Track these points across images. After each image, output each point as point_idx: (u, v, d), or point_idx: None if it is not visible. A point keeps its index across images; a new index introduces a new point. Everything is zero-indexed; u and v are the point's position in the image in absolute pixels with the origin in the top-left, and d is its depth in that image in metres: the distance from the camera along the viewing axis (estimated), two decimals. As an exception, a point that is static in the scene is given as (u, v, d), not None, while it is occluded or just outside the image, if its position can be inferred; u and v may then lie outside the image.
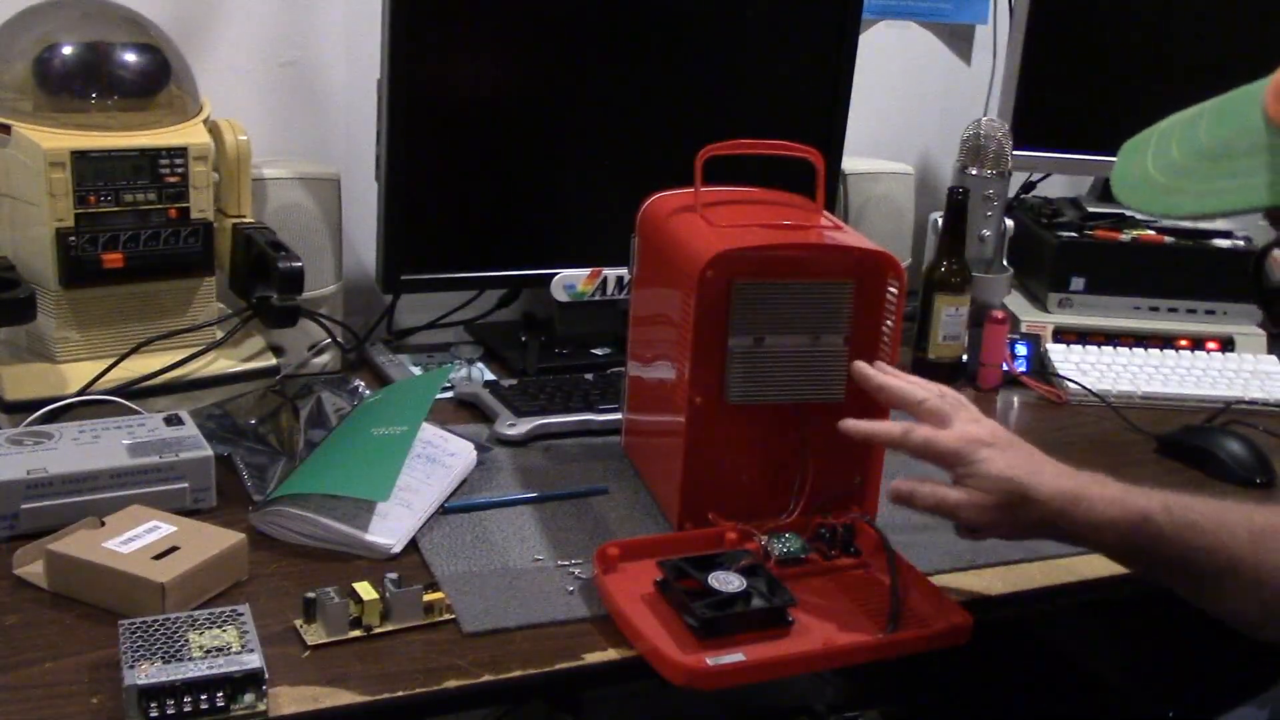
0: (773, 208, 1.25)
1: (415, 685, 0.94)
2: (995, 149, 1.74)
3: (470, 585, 1.07)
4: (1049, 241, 1.80)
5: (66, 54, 1.34)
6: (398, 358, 1.58)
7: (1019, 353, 1.68)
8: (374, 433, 1.22)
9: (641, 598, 1.05)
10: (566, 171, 1.58)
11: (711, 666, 0.96)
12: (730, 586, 1.02)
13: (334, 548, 1.11)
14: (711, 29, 1.59)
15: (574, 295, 1.59)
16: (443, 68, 1.47)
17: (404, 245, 1.51)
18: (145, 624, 0.93)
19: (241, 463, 1.23)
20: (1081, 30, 1.85)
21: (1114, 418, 1.57)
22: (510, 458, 1.33)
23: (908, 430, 1.04)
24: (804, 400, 1.18)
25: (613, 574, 1.08)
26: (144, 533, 1.05)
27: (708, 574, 1.04)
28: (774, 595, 1.03)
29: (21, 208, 1.30)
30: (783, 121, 1.62)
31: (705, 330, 1.13)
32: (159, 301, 1.38)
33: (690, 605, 1.00)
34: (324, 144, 1.65)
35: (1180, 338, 1.77)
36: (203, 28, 1.56)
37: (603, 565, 1.08)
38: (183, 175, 1.32)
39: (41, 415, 1.25)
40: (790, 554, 1.12)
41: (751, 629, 1.01)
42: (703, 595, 1.02)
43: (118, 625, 0.93)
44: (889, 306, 1.17)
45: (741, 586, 1.02)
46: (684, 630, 1.01)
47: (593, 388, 1.48)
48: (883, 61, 1.92)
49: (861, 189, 1.83)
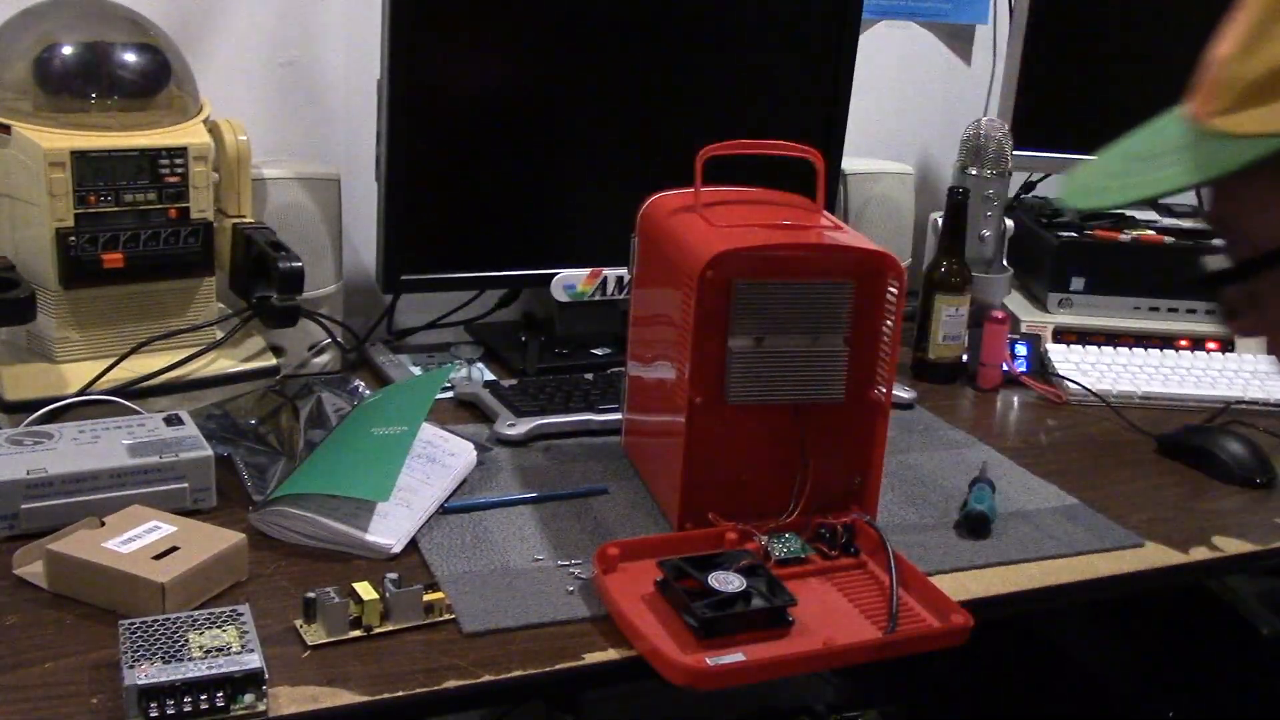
0: (773, 208, 1.25)
1: (415, 685, 0.94)
2: (995, 149, 1.74)
3: (470, 585, 1.07)
4: (1049, 241, 1.80)
5: (66, 54, 1.34)
6: (398, 358, 1.58)
7: (1019, 353, 1.69)
8: (374, 433, 1.22)
9: (641, 598, 1.05)
10: (566, 171, 1.58)
11: (712, 667, 0.96)
12: (730, 586, 1.02)
13: (334, 548, 1.11)
14: (711, 29, 1.59)
15: (574, 295, 1.59)
16: (443, 67, 1.47)
17: (404, 245, 1.51)
18: (145, 624, 0.93)
19: (241, 463, 1.23)
20: (1081, 30, 1.85)
21: (1114, 418, 1.58)
22: (510, 458, 1.33)
23: None
24: (804, 401, 1.18)
25: (613, 574, 1.08)
26: (144, 533, 1.05)
27: (708, 574, 1.04)
28: (774, 595, 1.03)
29: (21, 208, 1.30)
30: (783, 121, 1.62)
31: (705, 330, 1.13)
32: (159, 301, 1.38)
33: (690, 605, 1.00)
34: (324, 144, 1.65)
35: (1180, 338, 1.77)
36: (203, 28, 1.56)
37: (603, 565, 1.08)
38: (183, 175, 1.32)
39: (41, 415, 1.25)
40: (790, 554, 1.12)
41: (752, 629, 1.01)
42: (703, 595, 1.02)
43: (117, 625, 0.93)
44: (889, 307, 1.17)
45: (742, 586, 1.03)
46: (684, 630, 1.01)
47: (593, 388, 1.48)
48: (883, 61, 1.92)
49: (861, 189, 1.83)
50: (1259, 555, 1.25)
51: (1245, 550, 1.26)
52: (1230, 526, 1.30)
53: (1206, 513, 1.34)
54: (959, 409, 1.60)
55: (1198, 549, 1.25)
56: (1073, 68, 1.85)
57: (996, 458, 1.42)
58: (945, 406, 1.59)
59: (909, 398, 1.57)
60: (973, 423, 1.55)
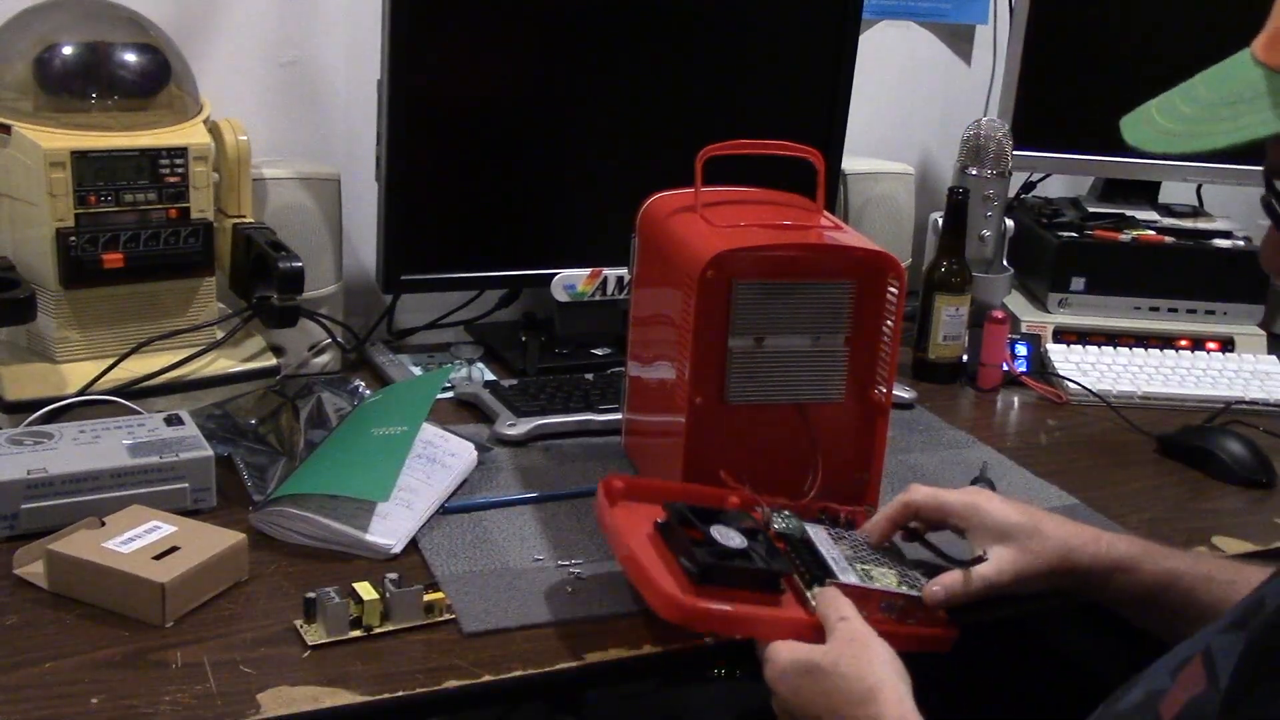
0: (773, 208, 1.25)
1: (415, 685, 0.94)
2: (995, 149, 1.74)
3: (470, 585, 1.07)
4: (1049, 241, 1.80)
5: (66, 54, 1.34)
6: (398, 358, 1.58)
7: (1019, 353, 1.69)
8: (374, 433, 1.22)
9: (643, 536, 1.04)
10: (566, 171, 1.58)
11: (701, 607, 0.95)
12: (732, 542, 1.01)
13: (334, 548, 1.11)
14: (711, 29, 1.59)
15: (574, 295, 1.59)
16: (443, 68, 1.47)
17: (404, 245, 1.51)
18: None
19: (241, 463, 1.23)
20: (1081, 30, 1.85)
21: (1114, 418, 1.58)
22: (510, 458, 1.33)
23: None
24: (804, 401, 1.18)
25: (616, 508, 1.07)
26: (144, 533, 1.05)
27: (710, 525, 1.03)
28: (772, 560, 1.02)
29: (21, 208, 1.30)
30: (783, 121, 1.62)
31: (705, 330, 1.13)
32: (159, 301, 1.38)
33: (690, 549, 0.99)
34: (324, 144, 1.65)
35: (1180, 338, 1.77)
36: (203, 28, 1.56)
37: (609, 498, 1.07)
38: (183, 175, 1.32)
39: (41, 415, 1.25)
40: (788, 531, 1.10)
41: (745, 587, 0.99)
42: (703, 546, 1.01)
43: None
44: (889, 307, 1.17)
45: (743, 545, 1.01)
46: (679, 573, 0.99)
47: (593, 388, 1.47)
48: (883, 61, 1.92)
49: (861, 189, 1.83)
50: (1259, 555, 1.25)
51: (1245, 550, 1.26)
52: (1230, 526, 1.30)
53: (1206, 513, 1.34)
54: (959, 409, 1.60)
55: (1197, 549, 1.25)
56: (1073, 68, 1.85)
57: (996, 458, 1.42)
58: (945, 406, 1.59)
59: (909, 398, 1.57)
60: (973, 423, 1.55)
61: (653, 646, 1.02)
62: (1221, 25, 1.76)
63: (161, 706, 0.89)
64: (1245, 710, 0.67)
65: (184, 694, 0.91)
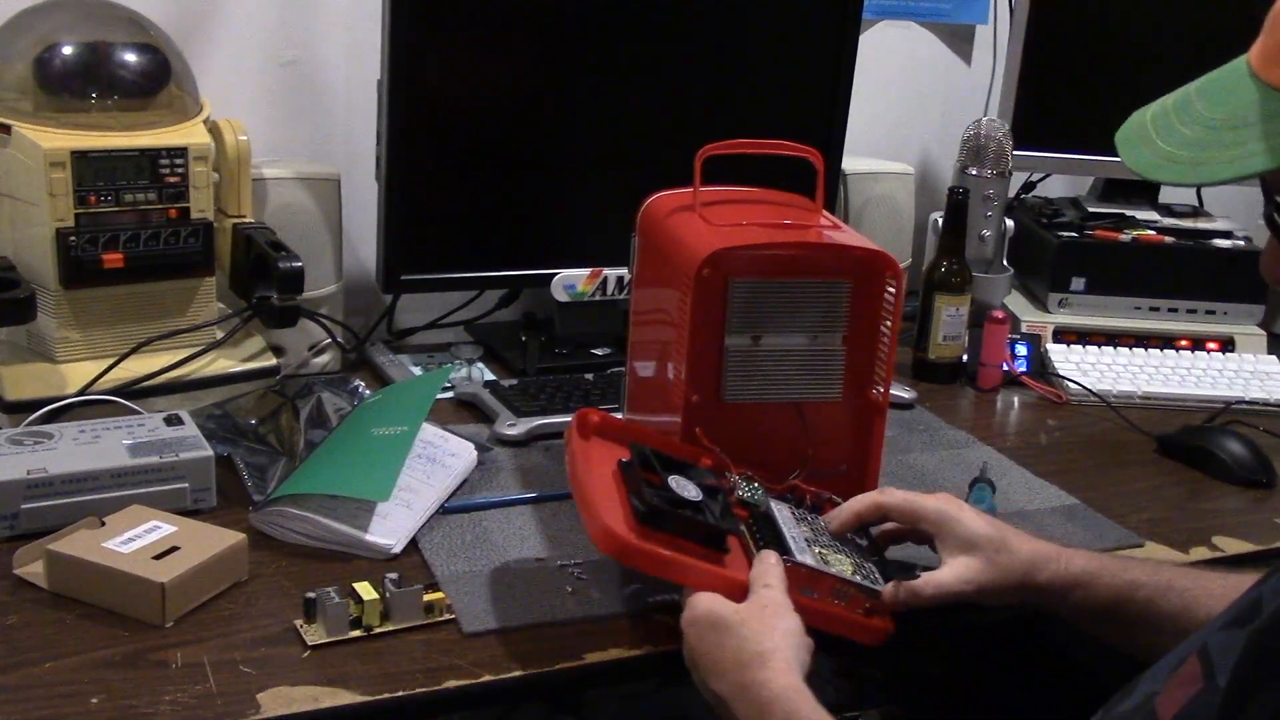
0: (772, 207, 1.25)
1: (415, 685, 0.94)
2: (995, 149, 1.74)
3: (470, 585, 1.07)
4: (1049, 241, 1.80)
5: (66, 54, 1.34)
6: (398, 358, 1.58)
7: (1019, 353, 1.69)
8: (374, 433, 1.22)
9: (602, 474, 1.04)
10: (566, 171, 1.58)
11: (637, 544, 0.95)
12: (687, 493, 1.01)
13: (334, 548, 1.11)
14: (712, 29, 1.59)
15: (574, 295, 1.59)
16: (443, 68, 1.47)
17: (404, 245, 1.51)
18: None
19: (241, 463, 1.23)
20: (1081, 30, 1.85)
21: (1114, 418, 1.57)
22: (510, 458, 1.33)
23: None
24: (801, 400, 1.18)
25: (586, 442, 1.07)
26: (144, 533, 1.05)
27: (670, 474, 1.03)
28: (723, 520, 1.01)
29: (21, 208, 1.30)
30: (783, 121, 1.62)
31: (702, 329, 1.13)
32: (159, 301, 1.38)
33: (643, 490, 0.99)
34: (324, 144, 1.65)
35: (1180, 338, 1.77)
36: (203, 28, 1.56)
37: (581, 430, 1.07)
38: (183, 175, 1.32)
39: (41, 415, 1.25)
40: (752, 500, 1.10)
41: (689, 538, 0.99)
42: (658, 490, 1.00)
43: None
44: (887, 306, 1.17)
45: (698, 498, 1.01)
46: (628, 512, 0.99)
47: (593, 388, 1.48)
48: (883, 61, 1.92)
49: (861, 189, 1.83)
50: (1259, 555, 1.25)
51: (1245, 550, 1.26)
52: (1230, 526, 1.30)
53: (1206, 513, 1.34)
54: (959, 409, 1.60)
55: (1198, 549, 1.25)
56: (1073, 68, 1.85)
57: (996, 458, 1.42)
58: (945, 406, 1.59)
59: (909, 397, 1.57)
60: (973, 423, 1.55)
61: (653, 646, 1.02)
62: (1221, 25, 1.77)
63: (161, 706, 0.90)
64: (1247, 717, 0.67)
65: (184, 694, 0.91)
